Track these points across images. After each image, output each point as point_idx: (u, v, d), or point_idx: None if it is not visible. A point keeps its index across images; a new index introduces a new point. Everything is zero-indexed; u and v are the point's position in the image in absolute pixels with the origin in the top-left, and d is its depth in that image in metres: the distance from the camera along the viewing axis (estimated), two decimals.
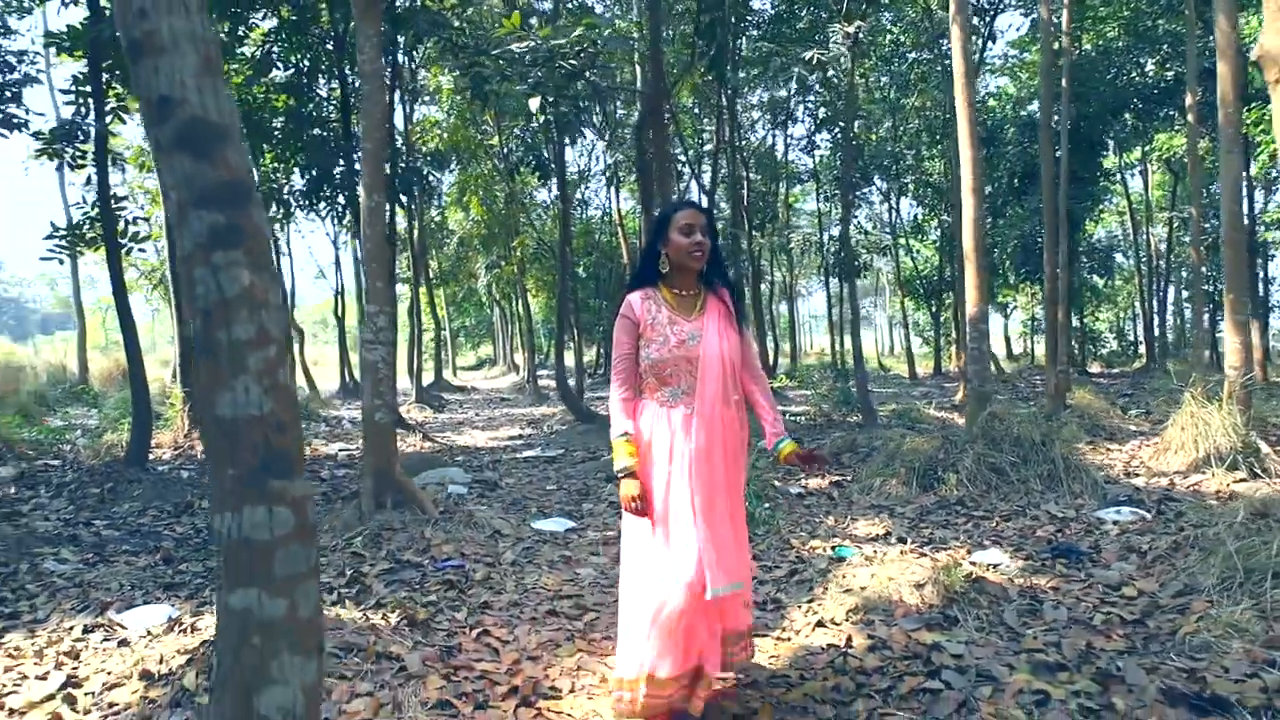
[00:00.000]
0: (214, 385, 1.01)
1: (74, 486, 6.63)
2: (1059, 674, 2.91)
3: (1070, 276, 17.78)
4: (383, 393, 5.21)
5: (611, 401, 2.67)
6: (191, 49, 0.99)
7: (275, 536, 1.02)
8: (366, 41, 5.09)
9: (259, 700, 1.00)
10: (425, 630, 3.45)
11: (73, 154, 7.19)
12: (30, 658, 3.24)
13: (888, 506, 5.74)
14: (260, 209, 1.05)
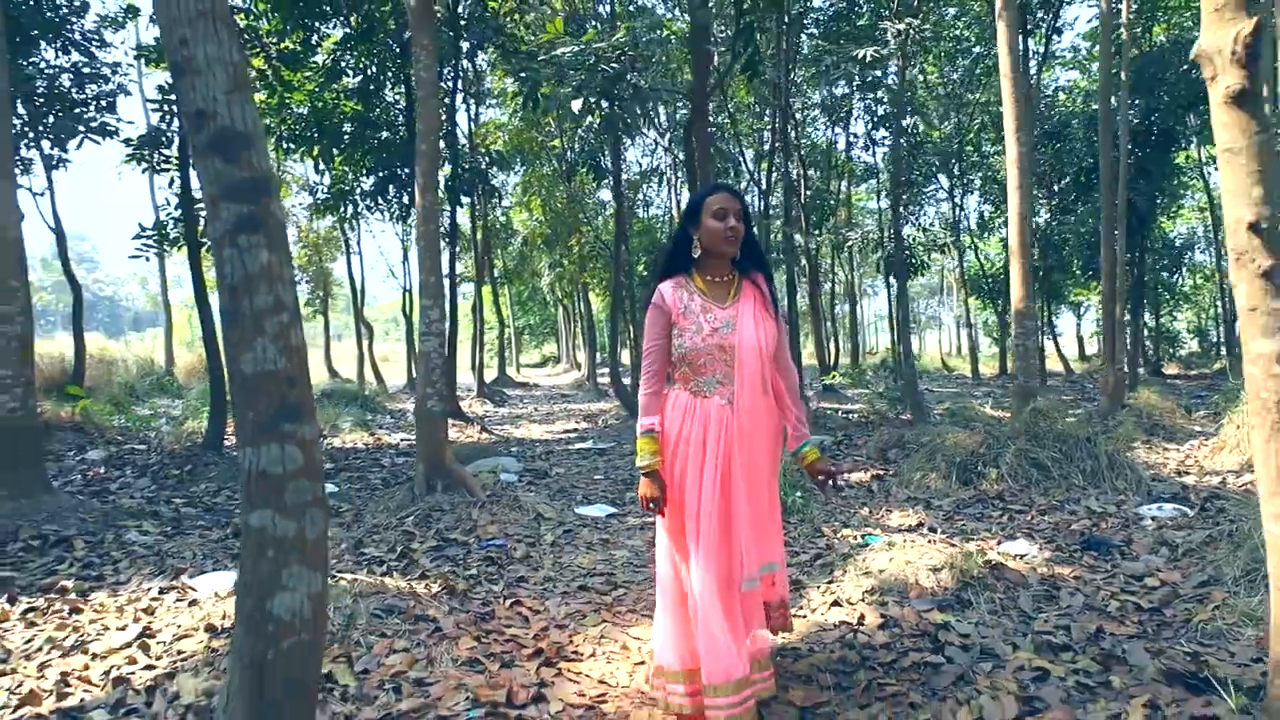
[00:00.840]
0: (239, 346, 1.24)
1: (156, 468, 7.13)
2: (1062, 654, 3.00)
3: (1139, 274, 17.31)
4: (435, 381, 5.50)
5: (641, 395, 2.60)
6: (222, 71, 1.22)
7: (287, 470, 1.24)
8: (422, 51, 5.39)
9: (271, 603, 1.23)
10: (463, 599, 3.71)
11: (158, 159, 7.71)
12: (112, 613, 3.60)
13: (924, 499, 5.80)
14: (278, 201, 1.28)
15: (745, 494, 2.45)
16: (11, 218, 5.04)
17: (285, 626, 1.23)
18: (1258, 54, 1.62)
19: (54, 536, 4.75)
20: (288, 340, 1.25)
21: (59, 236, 11.04)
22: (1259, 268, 1.61)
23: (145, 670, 2.95)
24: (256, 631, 1.22)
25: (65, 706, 2.66)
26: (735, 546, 2.43)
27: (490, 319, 24.03)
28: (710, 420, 2.47)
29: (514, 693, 2.74)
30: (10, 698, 2.72)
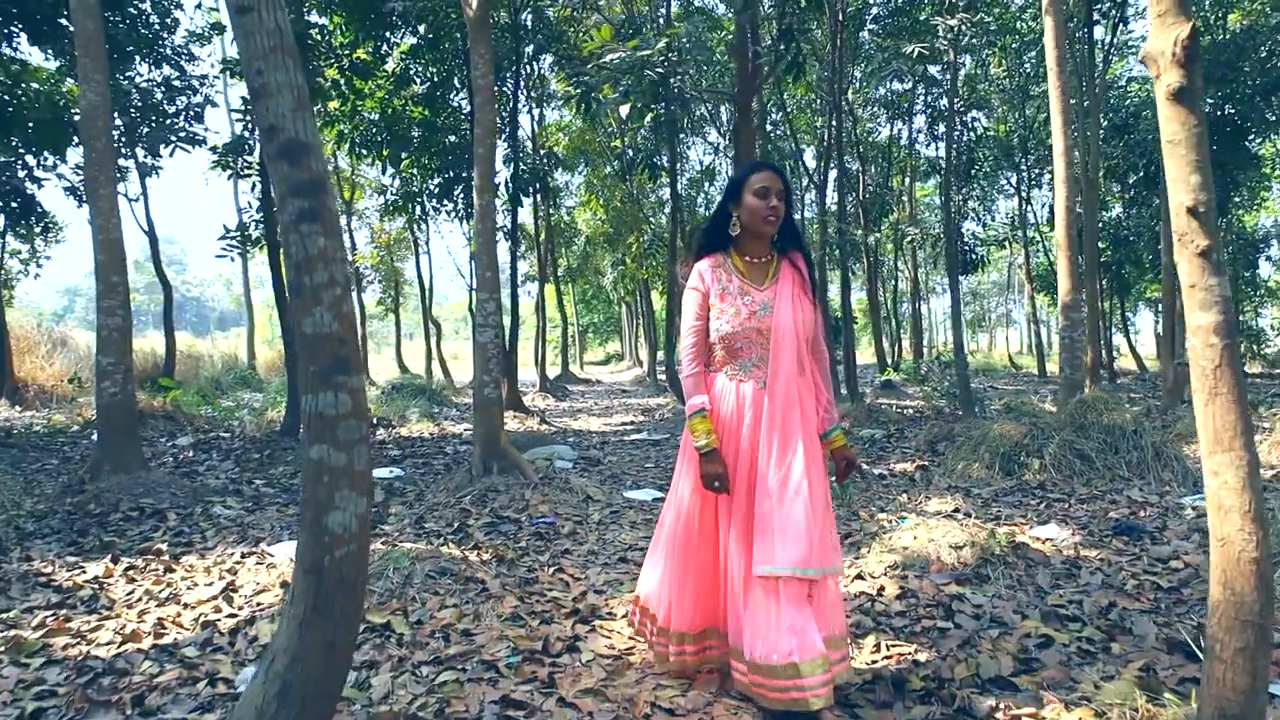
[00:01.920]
0: (301, 313, 1.54)
1: (239, 452, 7.67)
2: (1070, 624, 3.14)
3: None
4: (491, 371, 5.84)
5: (684, 378, 2.56)
6: (289, 94, 1.52)
7: (339, 413, 1.54)
8: (480, 59, 5.74)
9: (327, 519, 1.52)
10: (510, 566, 4.02)
11: (241, 165, 8.27)
12: (200, 572, 4.02)
13: (965, 488, 5.90)
14: (332, 196, 1.58)
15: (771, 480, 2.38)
16: (113, 220, 5.56)
17: (337, 538, 1.52)
18: (1195, 55, 1.79)
19: (149, 509, 5.25)
20: (339, 309, 1.55)
21: (152, 240, 11.84)
22: (1197, 247, 1.78)
23: (229, 618, 3.33)
24: (315, 541, 1.52)
25: (162, 644, 3.04)
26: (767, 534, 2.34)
27: (554, 316, 24.54)
28: (745, 404, 2.46)
29: (550, 643, 3.02)
30: (116, 636, 3.12)
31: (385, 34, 9.59)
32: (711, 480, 2.43)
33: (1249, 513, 1.75)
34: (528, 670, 2.79)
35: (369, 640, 3.04)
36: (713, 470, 2.43)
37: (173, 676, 2.74)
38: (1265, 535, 1.75)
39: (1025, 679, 2.63)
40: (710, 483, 2.44)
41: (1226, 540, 1.78)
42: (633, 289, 25.44)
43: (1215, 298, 1.77)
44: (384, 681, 2.67)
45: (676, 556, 2.60)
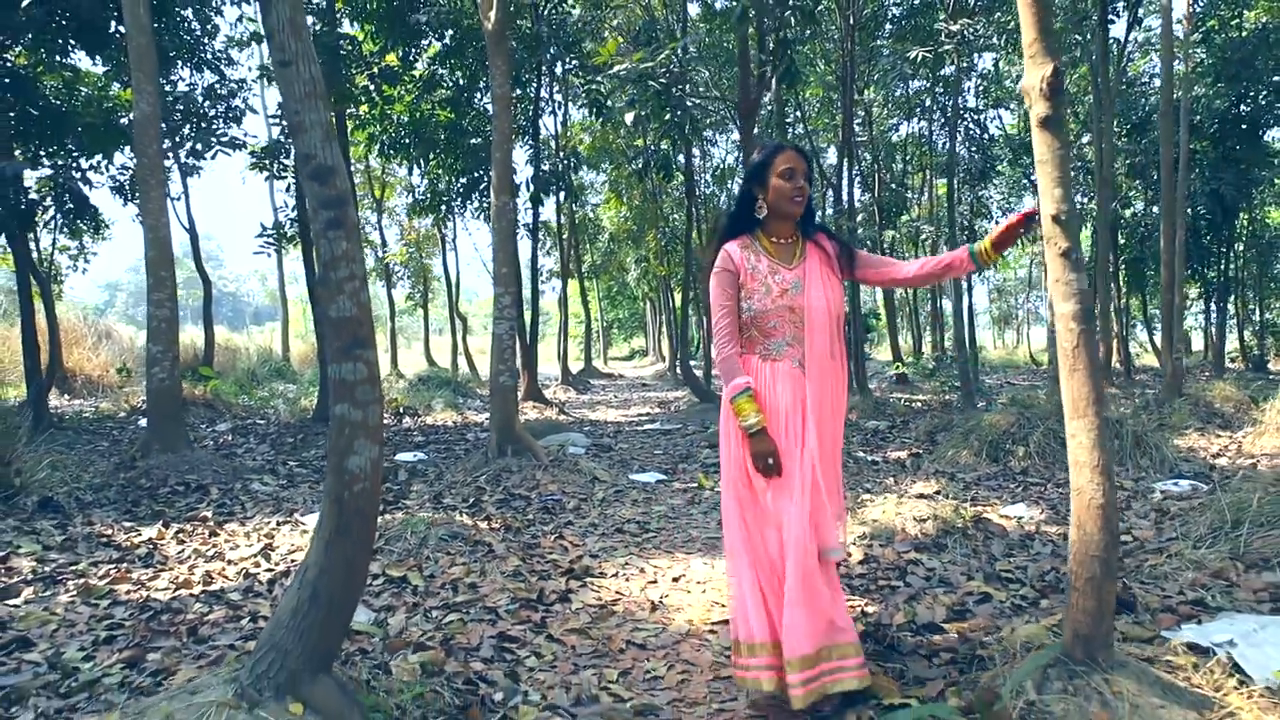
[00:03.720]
0: (328, 301, 1.96)
1: (274, 436, 8.20)
2: (1011, 585, 3.51)
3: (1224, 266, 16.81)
4: (507, 360, 6.29)
5: (722, 360, 2.47)
6: (320, 129, 1.94)
7: (357, 379, 1.95)
8: (497, 71, 6.17)
9: (347, 461, 1.94)
10: (516, 534, 4.46)
11: (278, 167, 8.79)
12: (241, 536, 4.50)
13: (951, 473, 6.23)
14: (352, 208, 1.99)
15: (826, 461, 2.40)
16: (162, 219, 6.08)
17: (355, 476, 1.94)
18: (1058, 89, 2.15)
19: (194, 484, 5.75)
20: (358, 298, 1.97)
21: (193, 237, 12.44)
22: (1059, 249, 2.15)
23: (266, 571, 3.80)
24: (338, 478, 1.94)
25: (210, 590, 3.51)
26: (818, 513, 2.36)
27: (578, 312, 25.01)
28: (784, 384, 2.42)
29: (545, 595, 3.45)
30: (170, 584, 3.60)
31: (413, 41, 10.06)
32: (764, 459, 2.35)
33: (1098, 467, 2.12)
34: (523, 615, 3.21)
35: (387, 590, 3.49)
36: (764, 449, 2.35)
37: (220, 615, 3.19)
38: (1110, 486, 2.12)
39: (954, 625, 3.01)
40: (763, 461, 2.36)
41: (1080, 490, 2.15)
42: (656, 285, 25.84)
43: (1074, 290, 2.14)
44: (399, 621, 3.10)
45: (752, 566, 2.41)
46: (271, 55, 1.96)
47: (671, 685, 2.62)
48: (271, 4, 1.90)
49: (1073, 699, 2.08)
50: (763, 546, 2.39)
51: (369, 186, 19.93)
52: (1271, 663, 2.49)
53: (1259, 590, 3.33)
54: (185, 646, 2.86)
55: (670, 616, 3.28)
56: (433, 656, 2.61)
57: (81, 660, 2.70)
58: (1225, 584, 3.43)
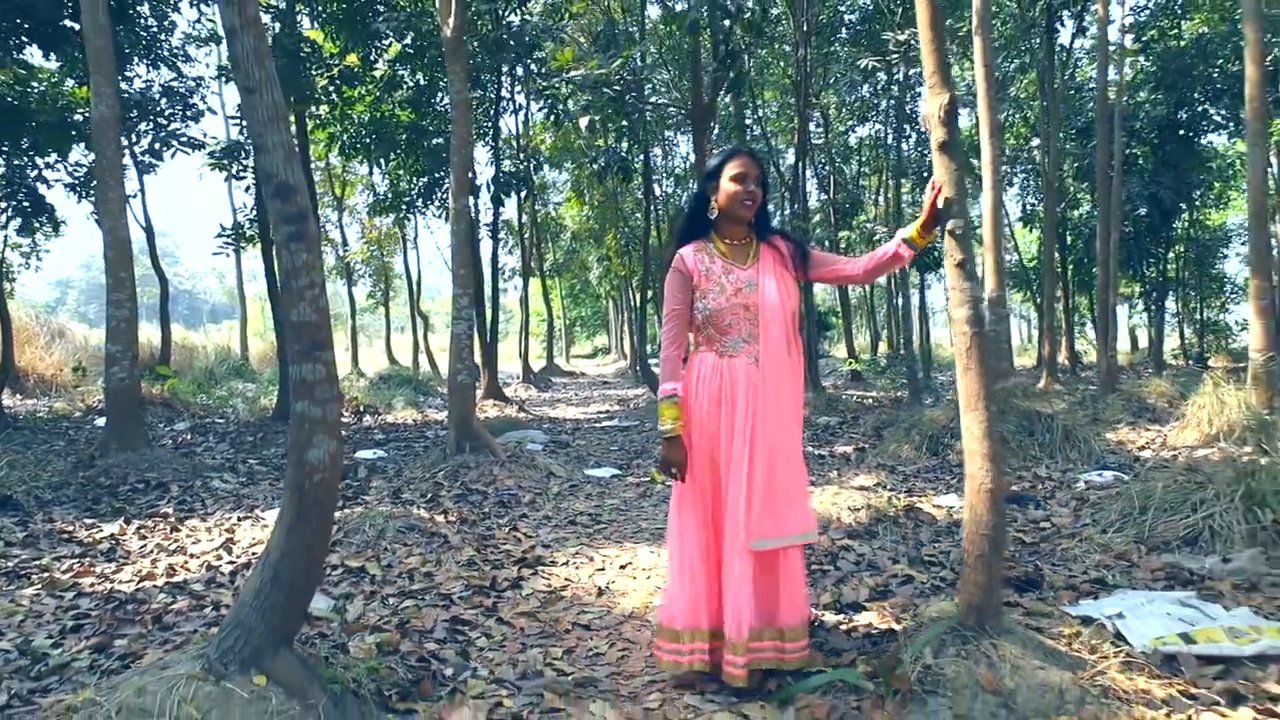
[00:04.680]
0: (290, 307, 2.14)
1: (234, 435, 8.26)
2: (933, 568, 3.77)
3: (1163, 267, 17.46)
4: (465, 358, 6.45)
5: (663, 360, 2.58)
6: (282, 149, 2.11)
7: (316, 378, 2.13)
8: (455, 76, 6.33)
9: (307, 454, 2.12)
10: (472, 526, 4.64)
11: (237, 168, 8.84)
12: (203, 531, 4.63)
13: (892, 466, 6.53)
14: (313, 221, 2.17)
15: (778, 453, 2.47)
16: (121, 219, 6.14)
17: (314, 467, 2.12)
18: (954, 116, 2.40)
19: (154, 481, 5.84)
20: (317, 304, 2.15)
21: (149, 235, 12.36)
22: (955, 260, 2.40)
23: (228, 564, 3.94)
24: (298, 469, 2.12)
25: (173, 582, 3.65)
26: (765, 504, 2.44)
27: (541, 310, 25.12)
28: (738, 379, 2.49)
29: (498, 582, 3.64)
30: (134, 576, 3.73)
31: (373, 43, 10.14)
32: (669, 466, 2.51)
33: (987, 455, 2.37)
34: (476, 600, 3.40)
35: (346, 580, 3.65)
36: (675, 457, 2.49)
37: (184, 605, 3.34)
38: (998, 472, 2.37)
39: (875, 604, 3.26)
40: (668, 468, 2.51)
41: (972, 475, 2.40)
42: (617, 284, 26.05)
43: (967, 298, 2.39)
44: (357, 607, 3.28)
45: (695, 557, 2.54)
46: (237, 82, 2.13)
47: (612, 661, 2.83)
48: (237, 35, 2.07)
49: (964, 662, 2.33)
50: (708, 536, 2.53)
51: (329, 184, 19.86)
52: (1151, 631, 2.77)
53: (1155, 570, 3.64)
54: (151, 633, 3.01)
55: (615, 600, 3.49)
56: (388, 638, 2.79)
57: (50, 647, 2.84)
58: (1127, 565, 3.74)
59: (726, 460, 2.49)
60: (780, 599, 2.50)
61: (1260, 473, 4.15)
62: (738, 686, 2.42)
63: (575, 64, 6.38)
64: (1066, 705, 2.22)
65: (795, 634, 2.49)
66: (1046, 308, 14.56)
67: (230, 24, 2.08)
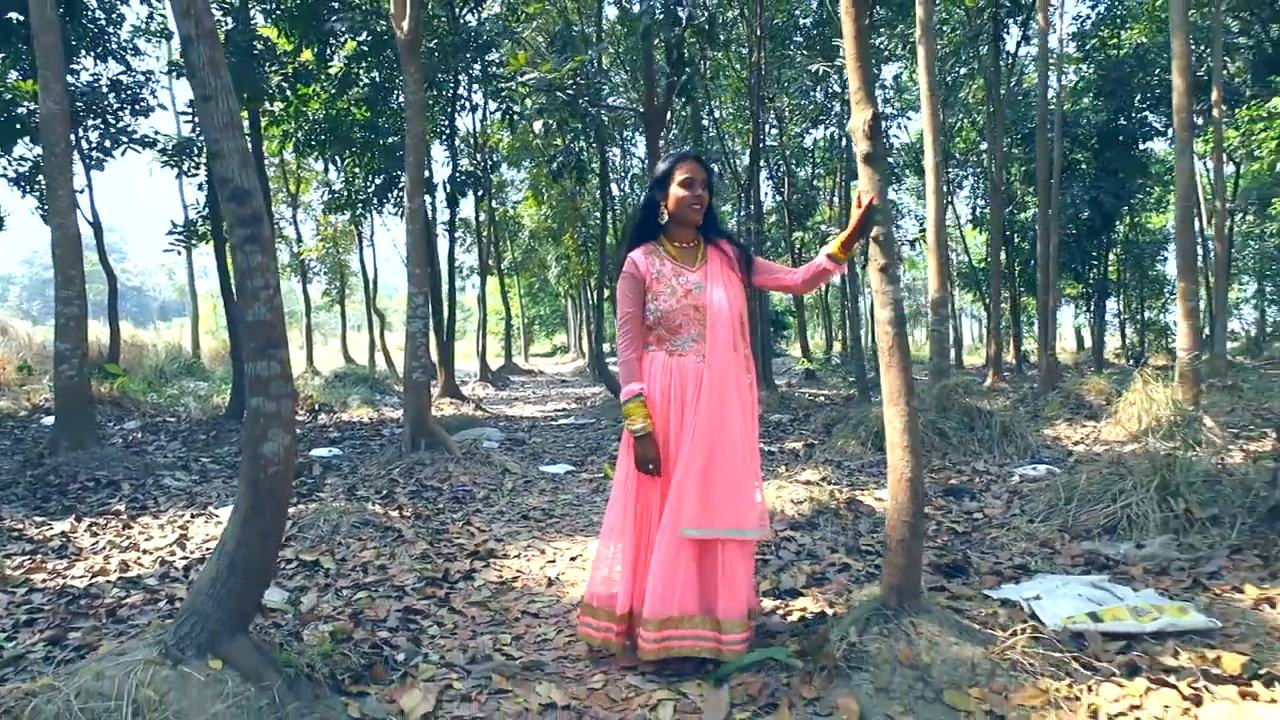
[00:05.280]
0: (245, 307, 2.23)
1: (186, 434, 8.21)
2: (868, 556, 3.96)
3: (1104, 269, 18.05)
4: (420, 356, 6.52)
5: (622, 363, 2.69)
6: (237, 155, 2.19)
7: (271, 375, 2.22)
8: (410, 78, 6.39)
9: (262, 447, 2.21)
10: (426, 520, 4.73)
11: (189, 165, 8.77)
12: (156, 528, 4.65)
13: (839, 461, 6.74)
14: (268, 224, 2.26)
15: (717, 446, 2.56)
16: (70, 216, 6.10)
17: (269, 460, 2.21)
18: (878, 130, 2.57)
19: (105, 480, 5.82)
20: (272, 304, 2.24)
21: (96, 231, 12.16)
22: (878, 265, 2.57)
23: (182, 559, 3.98)
24: (254, 463, 2.21)
25: (127, 577, 3.69)
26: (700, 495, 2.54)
27: (499, 309, 25.10)
28: (687, 376, 2.62)
29: (450, 574, 3.74)
30: (86, 573, 3.76)
31: (328, 41, 10.11)
32: (645, 463, 2.60)
33: (907, 447, 2.54)
34: (429, 591, 3.50)
35: (300, 573, 3.72)
36: (648, 454, 2.58)
37: (138, 599, 3.39)
38: (917, 463, 2.55)
39: (811, 590, 3.43)
40: (644, 465, 2.60)
41: (894, 466, 2.57)
42: (577, 282, 26.13)
43: (890, 300, 2.56)
44: (311, 599, 3.36)
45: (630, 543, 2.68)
46: (193, 90, 2.21)
47: (559, 646, 2.95)
48: (193, 44, 2.16)
49: (885, 640, 2.50)
50: (649, 525, 2.65)
51: (283, 181, 19.65)
52: (1063, 612, 2.98)
53: (1075, 556, 3.87)
54: (105, 626, 3.06)
55: (565, 590, 3.62)
56: (341, 626, 2.88)
57: (3, 640, 2.88)
58: (1050, 552, 3.96)
59: (674, 453, 2.60)
60: (718, 590, 2.60)
61: (1175, 465, 4.43)
62: (648, 660, 2.56)
63: (529, 67, 6.48)
64: (978, 677, 2.40)
65: (732, 626, 2.59)
66: (993, 308, 14.98)
67: (186, 33, 2.17)
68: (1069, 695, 2.35)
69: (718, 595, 2.60)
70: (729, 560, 2.61)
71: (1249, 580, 3.37)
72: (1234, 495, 4.22)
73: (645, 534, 2.66)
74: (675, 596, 2.55)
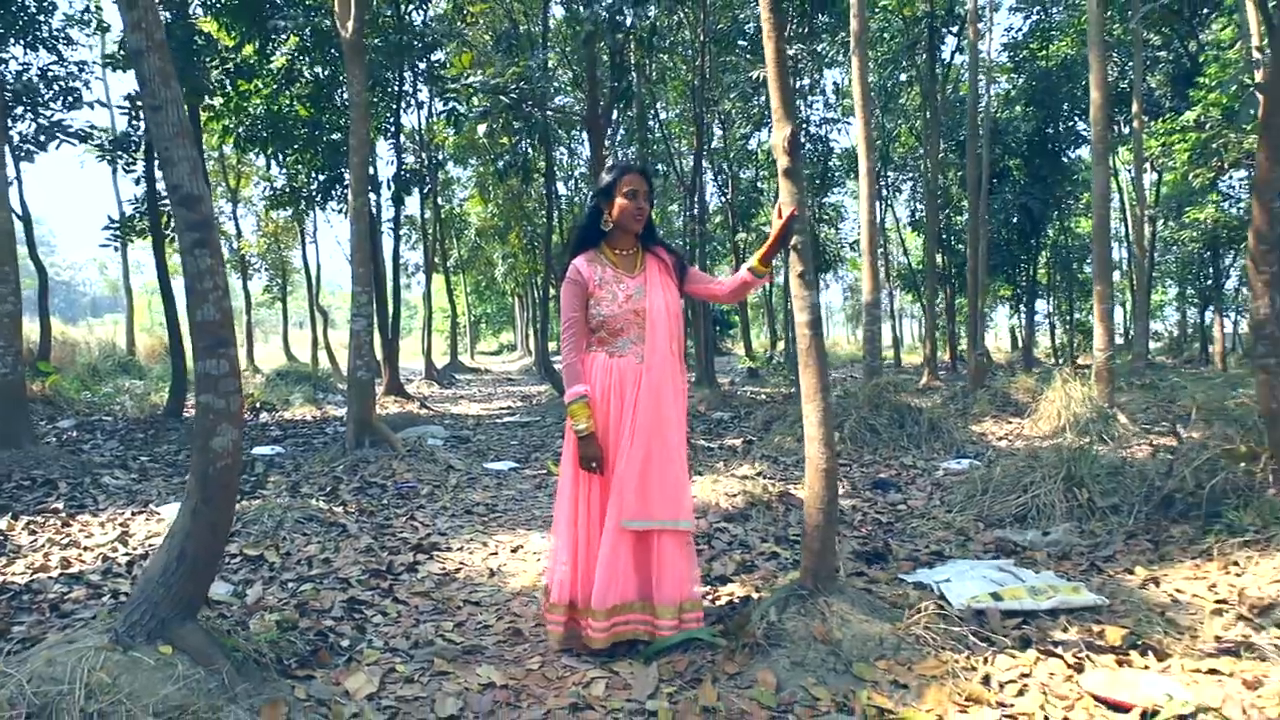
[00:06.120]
0: (195, 307, 2.33)
1: (123, 432, 8.11)
2: (795, 545, 4.18)
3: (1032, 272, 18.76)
4: (364, 354, 6.57)
5: (565, 366, 2.82)
6: (186, 162, 2.29)
7: (220, 373, 2.33)
8: (354, 79, 6.44)
9: (211, 442, 2.32)
10: (370, 516, 4.82)
11: (125, 160, 8.65)
12: (96, 526, 4.65)
13: (774, 457, 6.97)
14: (215, 229, 2.37)
15: (654, 442, 2.72)
16: (3, 212, 6.01)
17: (218, 454, 2.32)
18: (797, 146, 2.77)
19: (41, 479, 5.76)
20: (220, 305, 2.35)
21: (26, 224, 11.84)
22: (797, 271, 2.77)
23: (124, 556, 4.02)
24: (203, 456, 2.32)
25: (69, 573, 3.72)
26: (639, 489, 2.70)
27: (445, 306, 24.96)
28: (626, 377, 2.77)
29: (394, 566, 3.86)
30: (27, 569, 3.77)
31: (271, 36, 10.02)
32: (589, 462, 2.72)
33: (823, 440, 2.75)
34: (373, 583, 3.61)
35: (245, 567, 3.80)
36: (591, 453, 2.71)
37: (82, 594, 3.43)
38: (832, 454, 2.75)
39: (740, 577, 3.63)
40: (588, 464, 2.72)
41: (811, 458, 2.78)
42: (523, 281, 26.13)
43: (807, 305, 2.76)
44: (256, 591, 3.44)
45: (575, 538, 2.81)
46: (143, 101, 2.30)
47: (499, 632, 3.10)
48: (144, 56, 2.25)
49: (802, 618, 2.70)
50: (592, 519, 2.78)
51: (223, 175, 19.30)
52: (968, 592, 3.22)
53: (987, 543, 4.15)
54: (49, 620, 3.10)
55: (506, 580, 3.76)
56: (287, 615, 2.98)
57: None
58: (964, 539, 4.24)
59: (614, 450, 2.75)
60: (654, 578, 2.77)
61: (1081, 458, 4.74)
62: (597, 649, 2.73)
63: (475, 69, 6.57)
64: (885, 651, 2.61)
65: (665, 612, 2.75)
66: (929, 309, 15.44)
67: (137, 46, 2.26)
68: (966, 665, 2.57)
69: (652, 583, 2.78)
70: (664, 550, 2.78)
71: (1139, 562, 3.67)
72: (1133, 486, 4.54)
73: (587, 529, 2.79)
74: (618, 586, 2.72)
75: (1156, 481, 4.50)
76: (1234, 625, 2.88)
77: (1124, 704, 2.34)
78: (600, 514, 2.79)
